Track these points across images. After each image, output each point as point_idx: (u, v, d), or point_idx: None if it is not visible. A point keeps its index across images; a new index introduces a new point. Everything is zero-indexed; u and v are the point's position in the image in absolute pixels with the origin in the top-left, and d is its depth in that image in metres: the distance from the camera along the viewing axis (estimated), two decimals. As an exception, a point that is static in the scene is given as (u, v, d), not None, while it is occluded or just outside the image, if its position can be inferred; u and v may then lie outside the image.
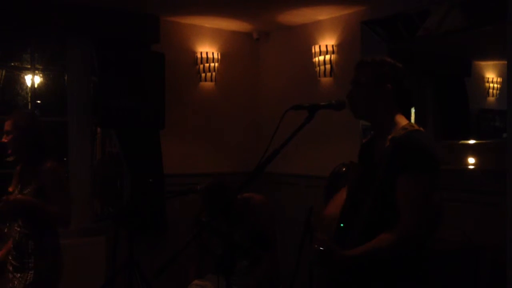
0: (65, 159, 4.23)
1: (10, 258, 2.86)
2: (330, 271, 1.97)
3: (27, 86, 4.35)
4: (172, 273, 2.13)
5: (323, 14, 4.45)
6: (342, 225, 2.04)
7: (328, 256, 1.85)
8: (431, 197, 1.93)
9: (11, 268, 2.84)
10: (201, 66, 4.81)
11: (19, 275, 2.79)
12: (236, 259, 2.64)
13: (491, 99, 3.70)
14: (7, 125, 2.88)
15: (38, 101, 4.43)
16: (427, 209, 1.92)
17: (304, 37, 4.73)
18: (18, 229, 2.84)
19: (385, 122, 2.04)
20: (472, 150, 3.57)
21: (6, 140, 2.87)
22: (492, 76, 3.69)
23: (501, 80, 3.63)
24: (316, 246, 1.85)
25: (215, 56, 4.85)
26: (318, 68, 4.51)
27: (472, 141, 3.62)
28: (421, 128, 2.01)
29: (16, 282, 2.78)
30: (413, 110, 3.85)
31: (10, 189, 2.93)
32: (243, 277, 3.05)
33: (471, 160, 3.55)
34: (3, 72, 4.29)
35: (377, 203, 1.93)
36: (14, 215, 2.83)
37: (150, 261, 3.72)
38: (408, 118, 2.09)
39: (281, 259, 3.26)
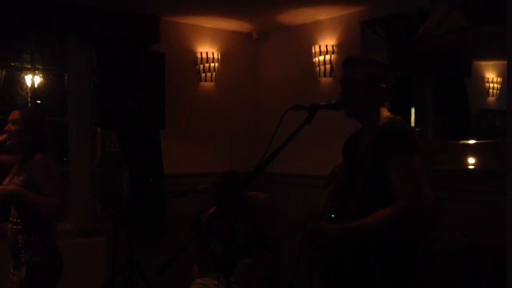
0: (65, 159, 4.23)
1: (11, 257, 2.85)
2: (323, 246, 1.98)
3: (27, 86, 4.35)
4: (172, 273, 2.13)
5: (323, 14, 4.45)
6: (333, 215, 2.07)
7: (317, 230, 1.89)
8: (424, 174, 1.96)
9: (12, 270, 2.82)
10: (201, 66, 4.81)
11: (16, 272, 2.77)
12: (236, 258, 2.65)
13: (491, 99, 3.71)
14: (15, 115, 2.84)
15: (38, 101, 4.42)
16: (422, 184, 1.94)
17: (304, 37, 4.73)
18: (11, 226, 2.82)
19: (374, 118, 2.11)
20: (472, 150, 3.57)
21: (8, 129, 2.84)
22: (492, 76, 3.69)
23: (501, 80, 3.64)
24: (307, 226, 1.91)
25: (215, 56, 4.85)
26: (318, 68, 4.51)
27: (472, 141, 3.62)
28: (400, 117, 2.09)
29: (15, 278, 2.77)
30: (413, 110, 3.85)
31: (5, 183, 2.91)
32: (244, 275, 3.05)
33: (471, 160, 3.55)
34: (3, 72, 4.28)
35: (367, 191, 1.96)
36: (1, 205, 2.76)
37: (150, 261, 3.72)
38: (408, 118, 2.13)
39: (281, 259, 3.26)
